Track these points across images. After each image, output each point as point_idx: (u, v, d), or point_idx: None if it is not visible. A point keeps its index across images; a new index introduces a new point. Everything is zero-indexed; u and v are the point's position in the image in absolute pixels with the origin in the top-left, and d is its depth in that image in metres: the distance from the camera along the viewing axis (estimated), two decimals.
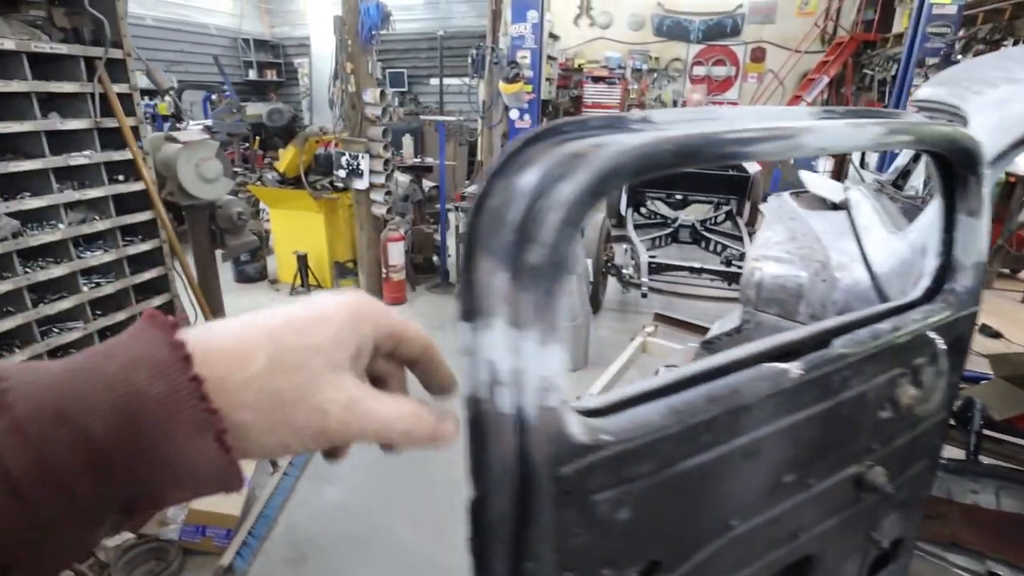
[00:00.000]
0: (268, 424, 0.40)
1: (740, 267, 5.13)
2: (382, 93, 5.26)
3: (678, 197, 7.57)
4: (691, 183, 7.27)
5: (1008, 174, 6.36)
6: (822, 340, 1.01)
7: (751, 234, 6.38)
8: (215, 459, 0.38)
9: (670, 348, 4.10)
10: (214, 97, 9.69)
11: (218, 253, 3.77)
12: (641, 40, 12.06)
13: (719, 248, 6.03)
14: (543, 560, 0.74)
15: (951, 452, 2.31)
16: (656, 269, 5.17)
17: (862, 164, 3.90)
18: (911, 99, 1.95)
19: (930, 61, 5.77)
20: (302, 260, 5.80)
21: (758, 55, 11.47)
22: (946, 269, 1.20)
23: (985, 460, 2.27)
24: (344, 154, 5.34)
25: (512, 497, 0.71)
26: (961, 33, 6.65)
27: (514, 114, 7.31)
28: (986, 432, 2.28)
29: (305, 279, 5.85)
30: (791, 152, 0.74)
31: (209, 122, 7.34)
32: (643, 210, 7.45)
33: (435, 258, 6.69)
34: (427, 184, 7.14)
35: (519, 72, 7.01)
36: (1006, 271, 6.78)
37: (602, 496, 0.75)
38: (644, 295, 5.02)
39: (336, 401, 0.43)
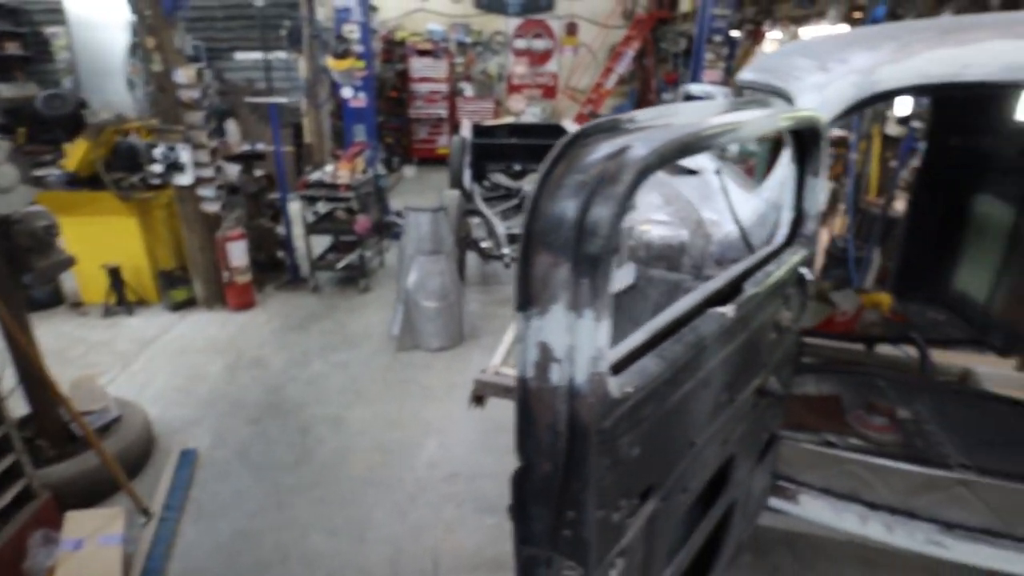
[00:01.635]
0: None
1: None
2: (199, 72, 4.71)
3: (517, 168, 7.90)
4: (525, 154, 7.56)
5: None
6: (736, 285, 1.26)
7: None
8: None
9: None
10: None
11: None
12: (462, 13, 12.14)
13: None
14: (583, 505, 0.87)
15: None
16: (514, 239, 5.43)
17: None
18: (738, 79, 2.34)
19: (716, 38, 6.74)
20: (114, 274, 4.98)
21: (572, 29, 12.26)
22: (800, 219, 1.54)
23: (806, 360, 2.89)
24: (158, 145, 4.71)
25: (559, 458, 0.83)
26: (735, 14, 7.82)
27: (347, 92, 6.99)
28: (804, 339, 2.90)
29: (122, 296, 5.05)
30: (740, 139, 0.93)
31: None
32: (486, 183, 7.68)
33: (280, 254, 6.24)
34: (257, 173, 6.58)
35: (348, 47, 6.70)
36: None
37: (624, 439, 0.90)
38: (507, 265, 5.27)
39: None
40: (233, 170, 5.77)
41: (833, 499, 2.17)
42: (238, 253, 5.02)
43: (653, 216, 1.96)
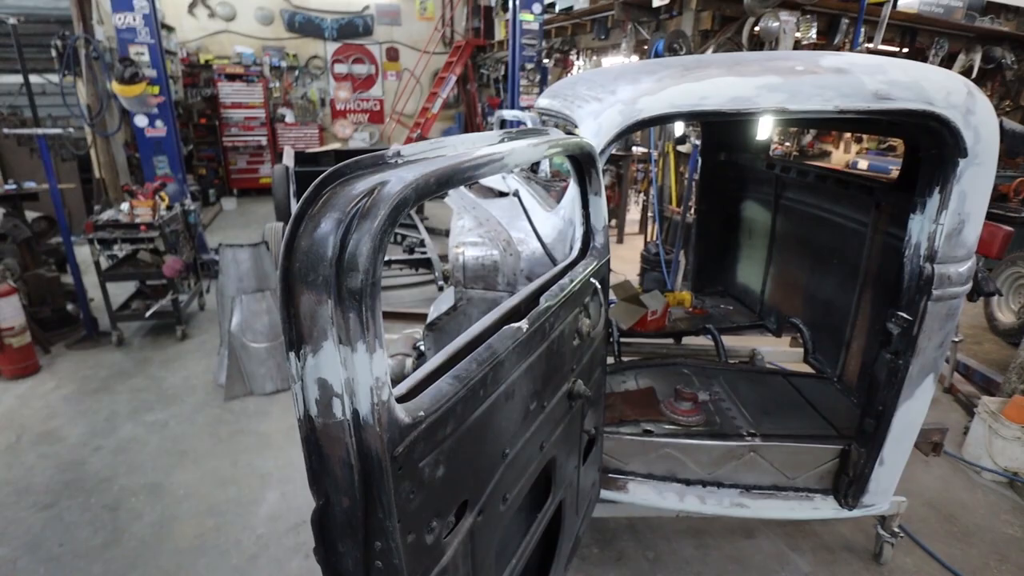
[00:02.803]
0: None
1: (423, 253, 5.64)
2: None
3: None
4: None
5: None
6: (534, 299, 1.36)
7: (423, 220, 7.00)
8: None
9: (389, 339, 4.31)
10: None
11: None
12: (274, 36, 11.57)
13: (400, 239, 6.45)
14: (390, 533, 0.87)
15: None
16: None
17: None
18: (534, 107, 2.55)
19: (528, 65, 7.24)
20: None
21: (392, 54, 12.29)
22: (588, 233, 1.71)
23: (625, 359, 3.18)
24: None
25: (356, 489, 0.82)
26: (544, 44, 8.47)
27: (141, 120, 6.27)
28: (622, 339, 3.20)
29: None
30: (505, 169, 1.01)
31: None
32: None
33: (70, 307, 5.36)
34: (32, 215, 5.62)
35: (137, 71, 6.02)
36: None
37: (424, 462, 0.92)
38: None
39: None
40: None
41: (656, 482, 2.41)
42: (9, 312, 4.23)
43: (466, 239, 2.04)
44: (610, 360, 2.97)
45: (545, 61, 8.62)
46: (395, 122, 12.60)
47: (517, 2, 7.23)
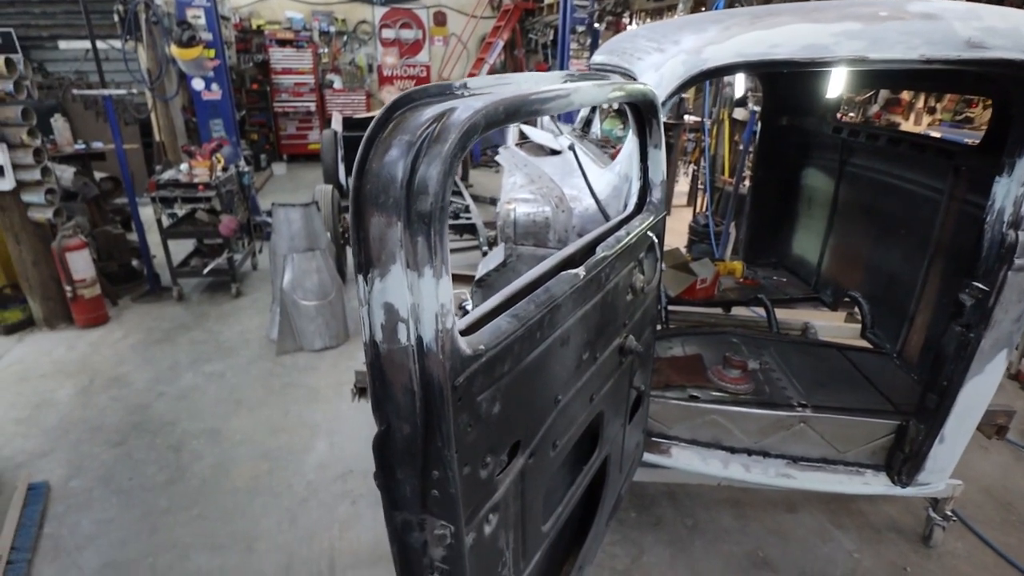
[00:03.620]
0: None
1: (468, 219, 5.65)
2: (8, 62, 4.11)
3: None
4: None
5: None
6: (590, 249, 1.34)
7: (468, 187, 6.99)
8: None
9: None
10: None
11: None
12: (323, 0, 11.61)
13: None
14: (447, 463, 0.89)
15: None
16: None
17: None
18: (590, 62, 2.48)
19: (579, 28, 7.04)
20: None
21: (440, 19, 12.16)
22: (645, 188, 1.67)
23: (672, 325, 3.14)
24: None
25: (417, 416, 0.84)
26: (596, 6, 8.22)
27: (198, 84, 6.44)
28: (669, 307, 3.14)
29: None
30: (571, 107, 0.99)
31: None
32: None
33: (135, 263, 5.64)
34: (99, 175, 5.88)
35: (195, 35, 6.16)
36: None
37: (482, 396, 0.92)
38: None
39: None
40: (67, 173, 5.12)
41: (699, 448, 2.38)
42: (81, 264, 4.47)
43: (518, 195, 2.02)
44: (659, 327, 2.92)
45: (596, 25, 8.38)
46: None
47: None
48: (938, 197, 2.46)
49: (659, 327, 2.97)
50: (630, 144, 1.71)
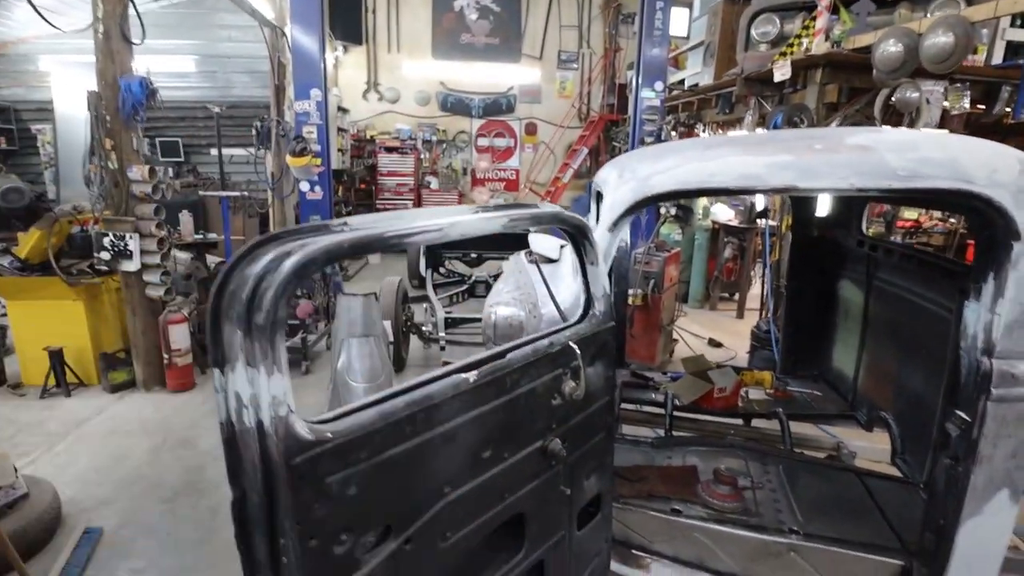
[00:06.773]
0: None
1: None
2: (151, 170, 5.09)
3: (473, 255, 8.28)
4: (484, 242, 7.88)
5: (713, 222, 8.29)
6: (502, 355, 1.48)
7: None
8: None
9: None
10: None
11: None
12: (428, 114, 13.14)
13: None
14: (290, 533, 1.04)
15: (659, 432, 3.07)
16: (452, 323, 5.67)
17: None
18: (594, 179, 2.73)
19: (648, 140, 7.44)
20: (56, 356, 5.11)
21: (531, 129, 13.29)
22: (588, 300, 1.80)
23: (682, 433, 3.07)
24: (107, 235, 5.00)
25: (262, 488, 1.01)
26: (669, 118, 8.64)
27: (304, 186, 7.48)
28: (678, 414, 3.09)
29: (62, 377, 5.15)
30: (446, 238, 1.20)
31: None
32: (442, 270, 8.04)
33: None
34: (212, 260, 6.87)
35: (306, 146, 7.24)
36: (724, 295, 8.63)
37: (332, 478, 1.08)
38: (442, 348, 5.47)
39: None
40: (184, 257, 6.06)
41: (681, 567, 2.28)
42: (179, 336, 5.19)
43: (500, 299, 2.23)
44: (658, 433, 2.89)
45: (672, 134, 8.75)
46: (528, 190, 13.38)
47: (640, 80, 7.52)
48: (949, 316, 2.33)
49: (664, 435, 2.92)
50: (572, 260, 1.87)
